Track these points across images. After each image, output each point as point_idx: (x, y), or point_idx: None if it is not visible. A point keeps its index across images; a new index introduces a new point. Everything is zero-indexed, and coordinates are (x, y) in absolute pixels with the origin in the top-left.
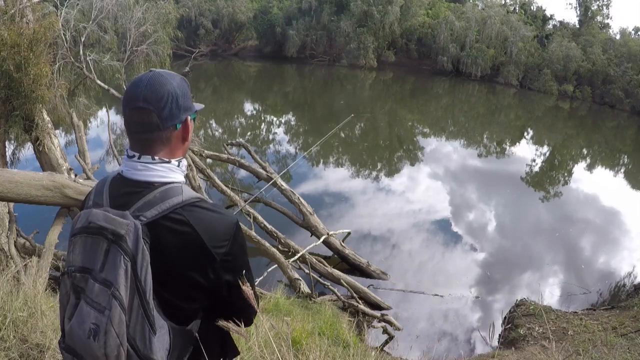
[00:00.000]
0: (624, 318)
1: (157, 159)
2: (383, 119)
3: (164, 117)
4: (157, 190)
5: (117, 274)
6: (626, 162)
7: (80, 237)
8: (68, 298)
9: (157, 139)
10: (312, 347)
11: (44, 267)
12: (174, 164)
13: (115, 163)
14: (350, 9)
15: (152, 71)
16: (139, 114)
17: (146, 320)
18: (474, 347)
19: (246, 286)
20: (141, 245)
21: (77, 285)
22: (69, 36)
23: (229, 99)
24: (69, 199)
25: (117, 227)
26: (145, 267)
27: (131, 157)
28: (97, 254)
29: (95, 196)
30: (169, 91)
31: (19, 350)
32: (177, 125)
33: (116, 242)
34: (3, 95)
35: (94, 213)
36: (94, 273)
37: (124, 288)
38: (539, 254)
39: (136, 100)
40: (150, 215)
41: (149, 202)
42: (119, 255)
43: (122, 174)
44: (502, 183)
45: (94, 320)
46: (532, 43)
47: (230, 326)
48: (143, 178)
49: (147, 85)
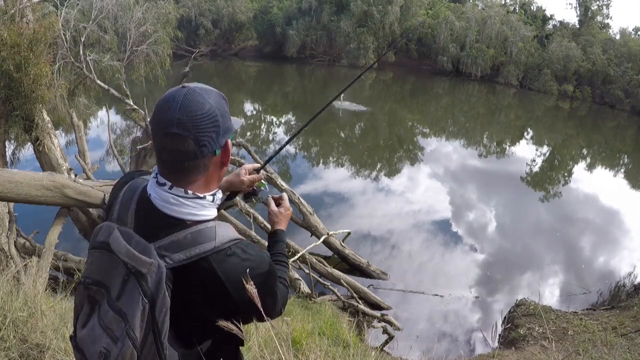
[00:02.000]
0: (624, 318)
1: (190, 193)
2: (383, 119)
3: (201, 143)
4: (188, 230)
5: (134, 313)
6: (626, 162)
7: (100, 253)
8: (82, 306)
9: (192, 168)
10: (312, 347)
11: (44, 267)
12: (208, 200)
13: (115, 163)
14: (350, 9)
15: (185, 87)
16: (172, 140)
17: (157, 356)
18: (474, 347)
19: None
20: (163, 289)
21: (93, 297)
22: (69, 36)
23: (229, 99)
24: (69, 199)
25: (139, 265)
26: (165, 312)
27: (161, 184)
28: (114, 276)
29: (120, 210)
30: (206, 112)
31: (19, 350)
32: (217, 151)
33: (135, 277)
34: (3, 95)
35: (115, 238)
36: (110, 296)
37: (139, 328)
38: (539, 254)
39: (169, 125)
40: (177, 259)
41: (177, 243)
42: (138, 294)
43: (151, 199)
44: (502, 183)
45: (105, 345)
46: (532, 43)
47: (229, 326)
48: (174, 214)
49: (181, 106)
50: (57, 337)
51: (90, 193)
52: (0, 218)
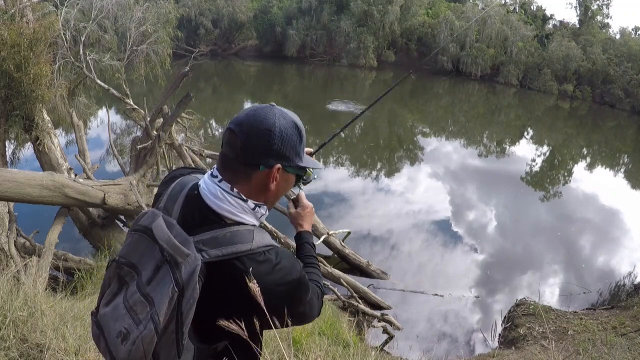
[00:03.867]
0: (624, 318)
1: (235, 191)
2: (383, 119)
3: (246, 148)
4: (228, 229)
5: (161, 299)
6: (626, 161)
7: (139, 236)
8: (109, 284)
9: (236, 168)
10: (312, 346)
11: (44, 267)
12: (250, 205)
13: (115, 163)
14: (350, 9)
15: (272, 105)
16: (229, 133)
17: (175, 345)
18: (473, 347)
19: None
20: (195, 281)
21: (123, 277)
22: (69, 36)
23: (229, 98)
24: (69, 198)
25: (176, 254)
26: (192, 303)
27: (214, 176)
28: (148, 261)
29: (167, 201)
30: (265, 127)
31: (19, 350)
32: (260, 167)
33: (170, 265)
34: (3, 95)
35: (158, 225)
36: (140, 279)
37: (165, 314)
38: (539, 254)
39: (234, 122)
40: (214, 255)
41: (216, 240)
42: (170, 282)
43: (200, 191)
44: (502, 183)
45: (126, 325)
46: (532, 43)
47: (230, 325)
48: (216, 208)
49: (253, 114)
50: (57, 337)
51: (90, 193)
52: (0, 218)
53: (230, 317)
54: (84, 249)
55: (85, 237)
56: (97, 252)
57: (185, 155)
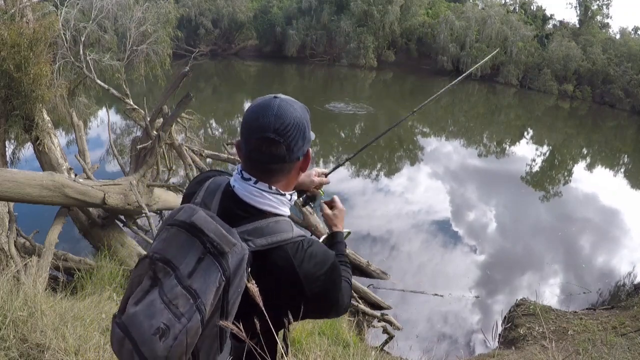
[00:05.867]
0: (624, 318)
1: (274, 188)
2: (383, 119)
3: (291, 149)
4: (270, 220)
5: (208, 289)
6: (626, 161)
7: (177, 230)
8: (140, 281)
9: (279, 170)
10: (312, 346)
11: (44, 267)
12: (287, 197)
13: (115, 163)
14: (350, 9)
15: (277, 97)
16: (268, 144)
17: (217, 339)
18: (473, 347)
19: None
20: (242, 270)
21: (157, 274)
22: (69, 36)
23: (229, 98)
24: (69, 198)
25: (224, 244)
26: (238, 293)
27: (246, 179)
28: (187, 255)
29: (205, 196)
30: (297, 122)
31: (19, 350)
32: (300, 157)
33: (214, 256)
34: (3, 95)
35: (201, 216)
36: (179, 273)
37: (210, 305)
38: (539, 254)
39: (265, 130)
40: (260, 243)
41: (259, 229)
42: (217, 271)
43: (235, 190)
44: (502, 183)
45: (165, 321)
46: (532, 43)
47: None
48: (257, 205)
49: (277, 115)
50: (57, 337)
51: (90, 193)
52: (0, 218)
53: (276, 307)
54: (84, 249)
55: (85, 237)
56: (97, 252)
57: (185, 155)
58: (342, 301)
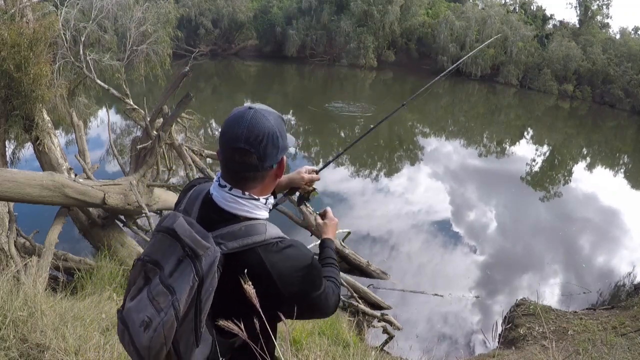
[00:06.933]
0: (624, 318)
1: (247, 194)
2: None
3: (263, 158)
4: (243, 224)
5: (183, 288)
6: (626, 161)
7: (162, 235)
8: (135, 280)
9: (252, 178)
10: (312, 346)
11: (44, 267)
12: (262, 202)
13: (115, 163)
14: (350, 9)
15: (252, 108)
16: (240, 154)
17: (193, 333)
18: (473, 347)
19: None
20: (214, 271)
21: (147, 273)
22: (69, 36)
23: (229, 98)
24: (69, 198)
25: (197, 247)
26: (210, 292)
27: (222, 186)
28: (170, 257)
29: (187, 204)
30: (269, 133)
31: (19, 350)
32: (274, 165)
33: (191, 258)
34: (3, 95)
35: (180, 223)
36: (162, 273)
37: (185, 302)
38: (539, 254)
39: (237, 140)
40: (232, 246)
41: (232, 233)
42: (191, 272)
43: (213, 197)
44: (502, 183)
45: (149, 314)
46: (532, 43)
47: (229, 325)
48: (230, 210)
49: (249, 126)
50: (57, 337)
51: (90, 193)
52: (0, 218)
53: (249, 308)
54: (84, 249)
55: (85, 237)
56: (97, 252)
57: (185, 155)
58: (327, 302)
